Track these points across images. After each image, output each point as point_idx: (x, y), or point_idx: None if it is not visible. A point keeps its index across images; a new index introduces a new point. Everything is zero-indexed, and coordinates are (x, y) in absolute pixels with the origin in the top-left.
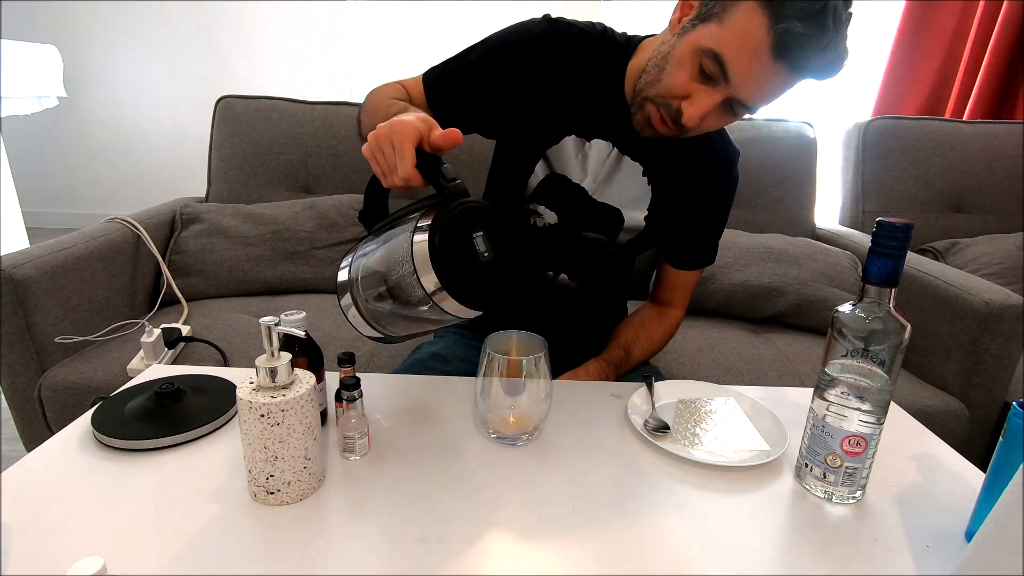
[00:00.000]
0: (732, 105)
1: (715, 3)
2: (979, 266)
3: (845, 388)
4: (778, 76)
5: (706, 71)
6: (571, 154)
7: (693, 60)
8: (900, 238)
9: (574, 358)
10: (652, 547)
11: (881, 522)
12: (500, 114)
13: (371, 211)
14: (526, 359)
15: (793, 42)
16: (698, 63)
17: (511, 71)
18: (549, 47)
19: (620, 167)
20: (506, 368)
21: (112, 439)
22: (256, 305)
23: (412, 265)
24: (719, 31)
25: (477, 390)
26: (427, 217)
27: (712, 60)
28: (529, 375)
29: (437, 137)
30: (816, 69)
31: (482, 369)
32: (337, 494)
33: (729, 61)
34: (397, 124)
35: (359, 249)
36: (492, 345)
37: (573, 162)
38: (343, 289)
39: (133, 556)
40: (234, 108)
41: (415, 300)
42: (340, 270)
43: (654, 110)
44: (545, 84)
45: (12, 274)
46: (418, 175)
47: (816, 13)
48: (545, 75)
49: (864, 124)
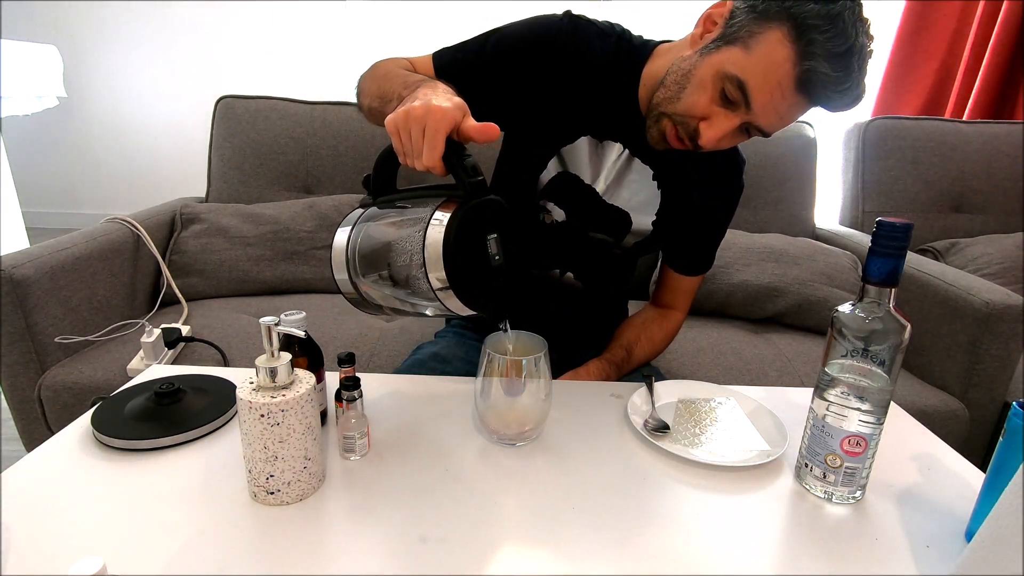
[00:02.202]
0: (748, 129)
1: (742, 27)
2: (979, 266)
3: (845, 388)
4: (797, 107)
5: (728, 96)
6: (584, 154)
7: (715, 84)
8: (900, 238)
9: (574, 358)
10: (652, 547)
11: (881, 522)
12: (514, 109)
13: (379, 182)
14: (526, 359)
15: (818, 81)
16: (720, 87)
17: (529, 67)
18: (570, 46)
19: (631, 169)
20: (506, 368)
21: (112, 439)
22: (256, 305)
23: (422, 257)
24: (744, 58)
25: (477, 390)
26: (444, 209)
27: (735, 87)
28: (529, 375)
29: (471, 129)
30: (835, 105)
31: (482, 369)
32: (337, 494)
33: (753, 90)
34: (435, 109)
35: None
36: (492, 345)
37: (586, 162)
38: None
39: (133, 556)
40: (234, 108)
41: (418, 291)
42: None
43: (670, 126)
44: (563, 83)
45: (12, 274)
46: (442, 166)
47: (842, 54)
48: (564, 74)
49: (864, 124)
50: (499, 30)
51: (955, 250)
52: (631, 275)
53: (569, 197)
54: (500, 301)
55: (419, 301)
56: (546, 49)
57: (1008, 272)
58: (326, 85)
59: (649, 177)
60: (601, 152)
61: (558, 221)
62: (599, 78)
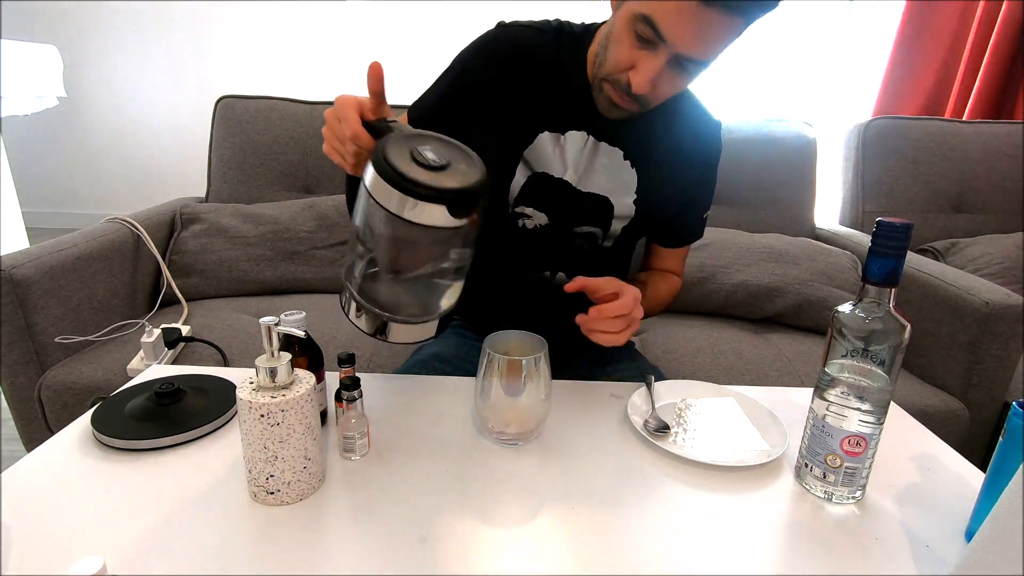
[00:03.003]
0: (681, 63)
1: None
2: (979, 266)
3: (845, 388)
4: (712, 22)
5: (642, 36)
6: (548, 150)
7: (629, 30)
8: (900, 238)
9: (574, 358)
10: (652, 547)
11: (881, 522)
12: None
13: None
14: (526, 359)
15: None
16: (634, 31)
17: (477, 86)
18: (512, 53)
19: (599, 154)
20: (506, 368)
21: (112, 439)
22: (256, 305)
23: (372, 198)
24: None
25: (477, 390)
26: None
27: (645, 24)
28: (529, 375)
29: (370, 95)
30: (750, 8)
31: (482, 369)
32: (337, 494)
33: (660, 22)
34: (337, 101)
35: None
36: (492, 345)
37: (552, 158)
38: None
39: (133, 556)
40: (234, 108)
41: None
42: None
43: (611, 89)
44: (510, 87)
45: (12, 274)
46: (366, 133)
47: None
48: (508, 79)
49: (864, 124)
50: (450, 65)
51: (955, 250)
52: (626, 268)
53: (544, 197)
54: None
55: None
56: (485, 63)
57: (1008, 272)
58: (326, 85)
59: (620, 159)
60: (564, 144)
61: (541, 225)
62: (547, 73)
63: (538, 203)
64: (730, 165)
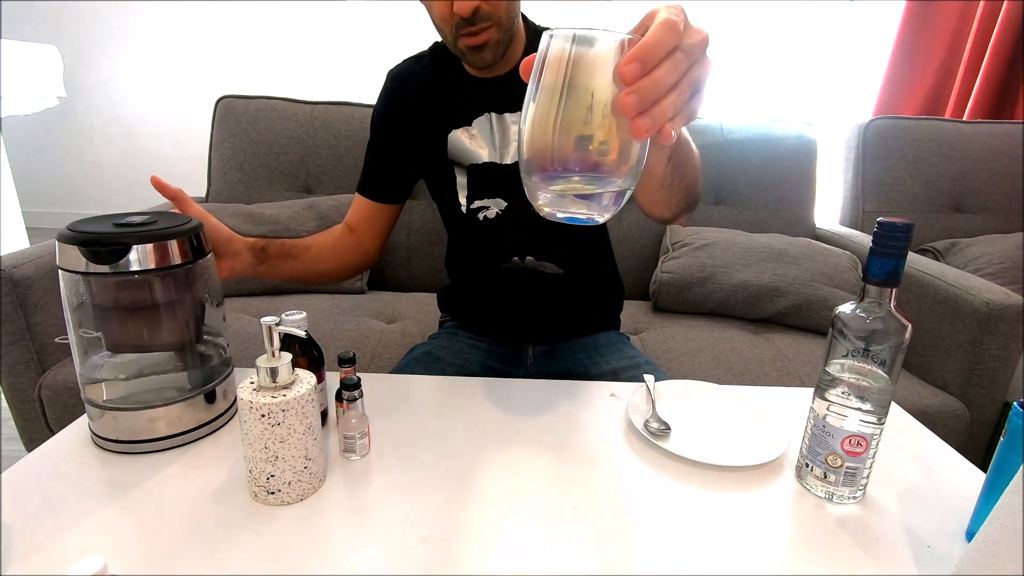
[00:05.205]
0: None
1: None
2: (979, 266)
3: (846, 388)
4: None
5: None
6: (464, 143)
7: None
8: (900, 238)
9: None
10: (652, 547)
11: (882, 522)
12: (408, 155)
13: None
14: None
15: None
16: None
17: (389, 128)
18: (394, 87)
19: (507, 125)
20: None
21: (112, 439)
22: (256, 305)
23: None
24: None
25: (524, 107)
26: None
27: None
28: None
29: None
30: None
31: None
32: (337, 494)
33: None
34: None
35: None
36: None
37: (470, 148)
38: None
39: (133, 556)
40: (234, 108)
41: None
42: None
43: (463, 41)
44: (411, 110)
45: (12, 274)
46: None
47: None
48: (406, 105)
49: (864, 124)
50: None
51: (955, 250)
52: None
53: (488, 184)
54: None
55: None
56: (389, 103)
57: (1008, 272)
58: (326, 85)
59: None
60: (474, 132)
61: (501, 211)
62: (431, 83)
63: (487, 192)
64: (730, 165)
